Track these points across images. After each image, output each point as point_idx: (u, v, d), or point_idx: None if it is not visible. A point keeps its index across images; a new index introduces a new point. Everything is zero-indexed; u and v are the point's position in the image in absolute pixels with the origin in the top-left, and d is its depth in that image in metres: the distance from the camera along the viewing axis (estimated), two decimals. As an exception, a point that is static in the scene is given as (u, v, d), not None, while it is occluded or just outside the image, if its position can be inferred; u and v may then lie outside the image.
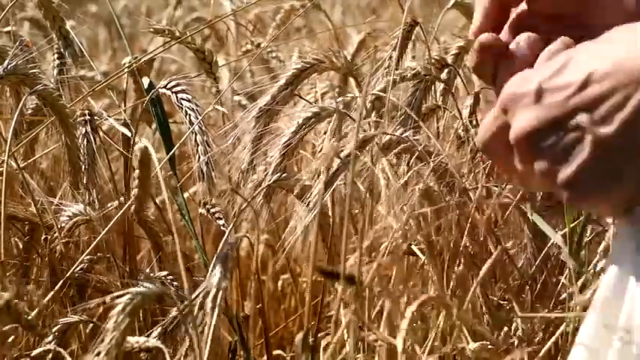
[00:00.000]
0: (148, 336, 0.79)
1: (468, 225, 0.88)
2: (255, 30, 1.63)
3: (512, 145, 0.62)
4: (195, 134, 0.91)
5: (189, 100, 0.92)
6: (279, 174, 0.86)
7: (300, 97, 1.00)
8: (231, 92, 1.46)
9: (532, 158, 0.62)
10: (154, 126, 1.34)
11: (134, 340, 0.76)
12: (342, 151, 0.81)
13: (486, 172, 0.97)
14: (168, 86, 0.94)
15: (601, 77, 0.59)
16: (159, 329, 0.81)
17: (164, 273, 0.92)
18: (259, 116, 0.90)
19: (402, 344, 0.63)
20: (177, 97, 0.93)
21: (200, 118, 0.91)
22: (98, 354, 0.66)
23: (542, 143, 0.61)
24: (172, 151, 0.98)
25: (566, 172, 0.60)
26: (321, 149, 0.92)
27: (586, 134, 0.59)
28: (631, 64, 0.58)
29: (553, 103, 0.60)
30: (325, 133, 0.94)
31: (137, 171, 0.87)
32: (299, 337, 0.71)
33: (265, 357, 1.06)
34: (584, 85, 0.59)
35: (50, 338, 0.84)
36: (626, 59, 0.58)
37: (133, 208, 0.94)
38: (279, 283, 1.39)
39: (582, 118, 0.59)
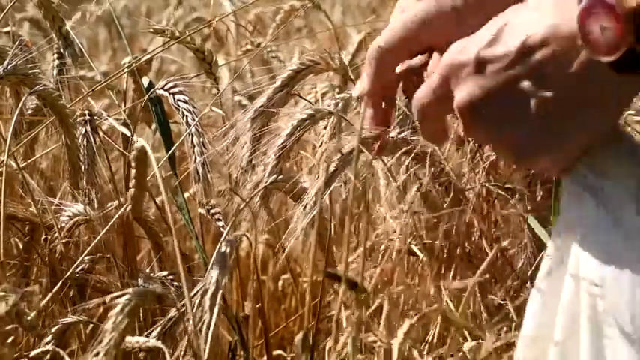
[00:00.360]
0: (148, 335, 0.79)
1: (465, 225, 0.88)
2: (255, 30, 1.63)
3: (455, 114, 0.63)
4: (192, 135, 0.91)
5: (186, 102, 0.92)
6: (275, 175, 0.86)
7: (300, 97, 1.00)
8: (232, 92, 1.46)
9: (477, 126, 0.63)
10: (153, 126, 1.34)
11: (134, 340, 0.76)
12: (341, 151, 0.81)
13: (486, 171, 0.97)
14: (166, 87, 0.94)
15: (540, 43, 0.60)
16: (158, 329, 0.81)
17: (164, 273, 0.92)
18: (255, 117, 0.90)
19: (398, 351, 0.63)
20: (174, 99, 0.93)
21: (197, 119, 0.91)
22: (97, 354, 0.66)
23: (487, 111, 0.62)
24: (172, 150, 0.98)
25: (513, 136, 0.62)
26: (320, 150, 0.92)
27: (530, 99, 0.60)
28: (566, 29, 0.59)
29: (494, 71, 0.61)
30: (323, 135, 0.93)
31: (134, 170, 0.87)
32: (299, 337, 0.71)
33: (265, 357, 1.06)
34: (523, 51, 0.60)
35: (49, 338, 0.84)
36: (560, 24, 0.59)
37: (129, 208, 0.94)
38: (280, 283, 1.39)
39: (524, 84, 0.61)
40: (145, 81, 1.05)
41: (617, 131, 0.63)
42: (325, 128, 0.94)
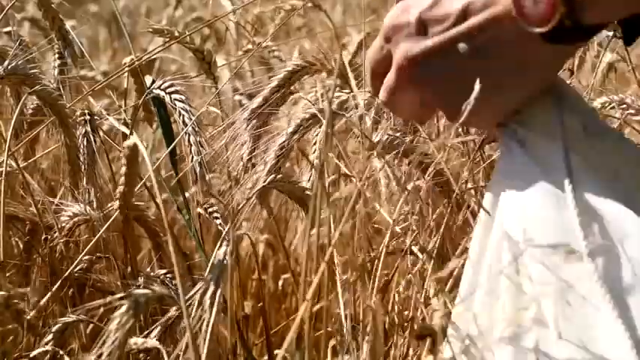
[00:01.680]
0: (148, 335, 0.79)
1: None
2: (254, 30, 1.63)
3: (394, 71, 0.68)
4: (189, 135, 0.91)
5: (182, 101, 0.92)
6: (274, 175, 0.86)
7: (301, 97, 1.00)
8: (232, 91, 1.46)
9: (415, 83, 0.67)
10: (154, 126, 1.34)
11: (133, 341, 0.76)
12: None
13: (486, 172, 0.97)
14: (162, 87, 0.94)
15: (480, 8, 0.64)
16: (158, 328, 0.81)
17: (163, 271, 0.92)
18: (251, 118, 0.90)
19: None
20: (171, 98, 0.93)
21: (194, 119, 0.91)
22: (100, 355, 0.66)
23: (423, 71, 0.66)
24: (172, 146, 0.98)
25: (452, 93, 0.65)
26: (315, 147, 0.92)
27: (468, 59, 0.64)
28: (502, 0, 0.62)
29: (435, 32, 0.65)
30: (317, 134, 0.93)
31: (124, 168, 0.87)
32: (290, 335, 0.71)
33: (266, 357, 1.07)
34: (464, 15, 0.64)
35: (49, 338, 0.84)
36: None
37: (118, 205, 0.94)
38: (280, 282, 1.39)
39: (463, 46, 0.64)
40: (148, 80, 1.05)
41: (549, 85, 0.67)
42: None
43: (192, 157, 0.90)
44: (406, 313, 0.77)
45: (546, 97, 0.66)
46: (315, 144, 0.90)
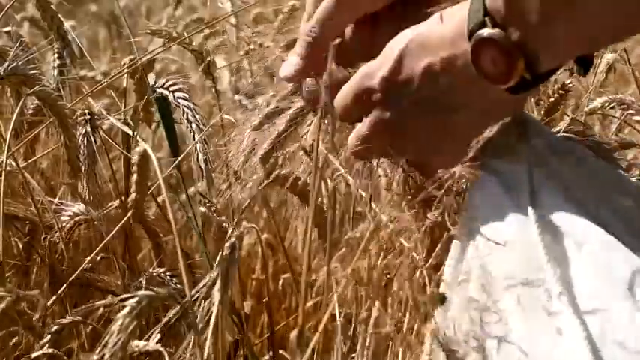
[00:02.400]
0: (150, 336, 0.78)
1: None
2: (254, 32, 1.63)
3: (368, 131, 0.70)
4: (194, 132, 0.91)
5: (186, 99, 0.93)
6: (269, 173, 0.87)
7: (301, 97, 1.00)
8: (234, 92, 1.46)
9: (384, 147, 0.70)
10: (154, 126, 1.34)
11: (134, 344, 0.76)
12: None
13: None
14: (166, 85, 0.94)
15: (440, 71, 0.65)
16: (160, 329, 0.81)
17: (163, 269, 0.92)
18: (261, 122, 0.90)
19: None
20: (174, 96, 0.93)
21: (198, 115, 0.92)
22: (102, 356, 0.66)
23: (394, 135, 0.69)
24: (174, 141, 0.98)
25: (422, 147, 0.68)
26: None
27: (435, 115, 0.67)
28: (460, 61, 0.65)
29: (403, 95, 0.67)
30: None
31: (135, 175, 0.87)
32: (293, 334, 0.71)
33: (271, 352, 1.07)
34: (426, 78, 0.66)
35: (47, 339, 0.84)
36: (456, 56, 0.65)
37: (131, 213, 0.94)
38: (280, 282, 1.39)
39: (430, 104, 0.67)
40: (151, 78, 1.05)
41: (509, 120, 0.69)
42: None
43: (198, 154, 0.90)
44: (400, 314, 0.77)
45: (511, 125, 0.69)
46: (306, 133, 0.90)
